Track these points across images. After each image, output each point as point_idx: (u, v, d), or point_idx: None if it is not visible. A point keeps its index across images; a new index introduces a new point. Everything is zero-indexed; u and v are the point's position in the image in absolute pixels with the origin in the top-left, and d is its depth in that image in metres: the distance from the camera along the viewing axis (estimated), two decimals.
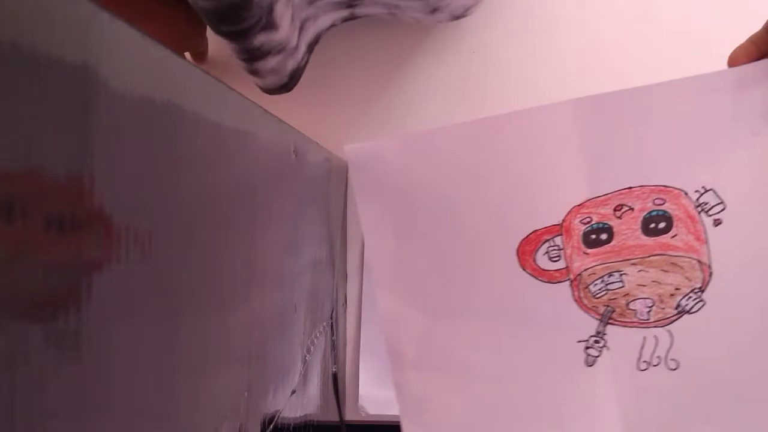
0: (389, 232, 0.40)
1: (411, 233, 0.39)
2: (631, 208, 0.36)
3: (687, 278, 0.36)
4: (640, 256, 0.36)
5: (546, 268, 0.37)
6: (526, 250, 0.37)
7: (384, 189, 0.39)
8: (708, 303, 0.36)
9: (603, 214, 0.36)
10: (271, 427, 0.30)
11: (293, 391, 0.36)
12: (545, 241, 0.37)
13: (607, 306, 0.37)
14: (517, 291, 0.38)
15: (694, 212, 0.35)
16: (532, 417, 0.39)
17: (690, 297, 0.36)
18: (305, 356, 0.40)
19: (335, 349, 0.53)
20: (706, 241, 0.36)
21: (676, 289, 0.36)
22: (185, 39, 0.54)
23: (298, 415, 0.37)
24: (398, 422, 0.58)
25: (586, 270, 0.37)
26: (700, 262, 0.36)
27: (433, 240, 0.39)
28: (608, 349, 0.37)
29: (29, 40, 0.11)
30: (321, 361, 0.46)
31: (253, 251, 0.28)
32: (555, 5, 0.61)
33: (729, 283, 0.36)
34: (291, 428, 0.35)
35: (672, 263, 0.36)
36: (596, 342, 0.37)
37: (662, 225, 0.36)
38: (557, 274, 0.37)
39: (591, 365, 0.37)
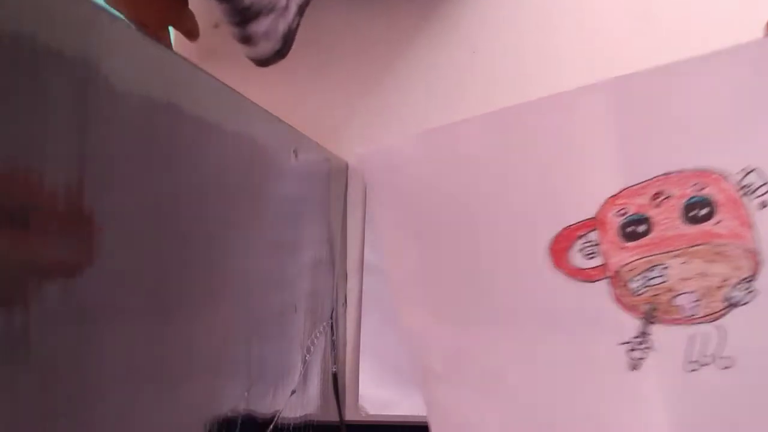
0: (410, 239, 0.38)
1: (433, 239, 0.37)
2: (670, 196, 0.33)
3: (735, 268, 0.33)
4: (683, 246, 0.34)
5: (582, 266, 0.35)
6: (559, 249, 0.35)
7: (401, 193, 0.37)
8: (760, 292, 0.33)
9: (640, 204, 0.34)
10: (271, 427, 0.30)
11: (293, 391, 0.36)
12: (579, 238, 0.34)
13: (650, 303, 0.35)
14: (552, 293, 0.35)
15: (736, 196, 0.33)
16: (574, 428, 0.37)
17: (739, 288, 0.33)
18: (305, 356, 0.40)
19: (335, 349, 0.53)
20: (752, 226, 0.33)
21: (724, 280, 0.34)
22: (164, 10, 0.54)
23: (298, 415, 0.37)
24: (398, 422, 0.58)
25: (624, 266, 0.34)
26: (746, 249, 0.33)
27: (458, 244, 0.37)
28: (653, 350, 0.35)
29: (29, 38, 0.11)
30: (321, 361, 0.46)
31: (253, 251, 0.28)
32: (556, 5, 0.61)
33: None
34: (291, 428, 0.35)
35: (717, 253, 0.33)
36: (640, 343, 0.35)
37: (704, 211, 0.33)
38: (594, 273, 0.35)
39: (635, 369, 0.35)
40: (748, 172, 0.32)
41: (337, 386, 0.54)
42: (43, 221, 0.11)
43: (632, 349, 0.35)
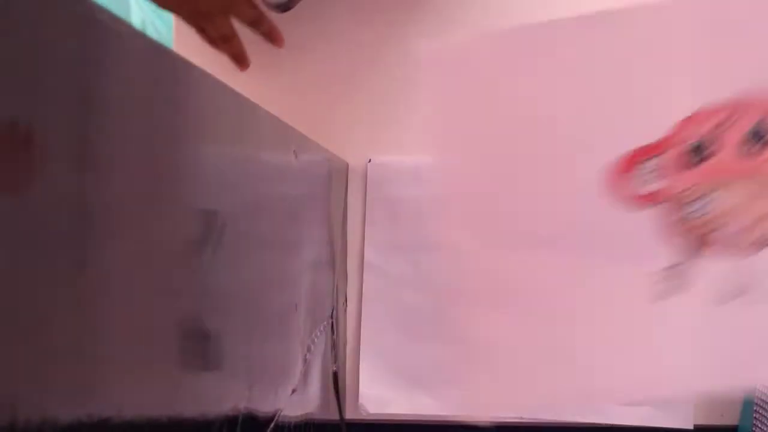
0: (467, 153, 0.35)
1: (493, 153, 0.34)
2: (739, 122, 0.32)
3: None
4: (742, 176, 0.33)
5: (638, 191, 0.33)
6: (619, 171, 0.33)
7: (461, 97, 0.34)
8: None
9: (709, 127, 0.32)
10: (272, 425, 0.30)
11: (294, 390, 0.36)
12: (644, 160, 0.33)
13: (698, 231, 0.33)
14: (602, 213, 0.33)
15: None
16: (598, 353, 0.36)
17: None
18: (306, 355, 0.40)
19: (335, 348, 0.53)
20: None
21: None
22: None
23: (298, 414, 0.37)
24: (398, 421, 0.58)
25: (683, 191, 0.33)
26: None
27: (518, 160, 0.34)
28: (689, 281, 0.34)
29: (30, 38, 0.11)
30: (321, 360, 0.46)
31: (254, 251, 0.28)
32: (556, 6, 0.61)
33: None
34: (291, 427, 0.35)
35: None
36: (678, 273, 0.34)
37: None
38: (650, 198, 0.33)
39: (667, 298, 0.34)
40: None
41: (337, 385, 0.55)
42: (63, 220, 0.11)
43: (667, 279, 0.34)
